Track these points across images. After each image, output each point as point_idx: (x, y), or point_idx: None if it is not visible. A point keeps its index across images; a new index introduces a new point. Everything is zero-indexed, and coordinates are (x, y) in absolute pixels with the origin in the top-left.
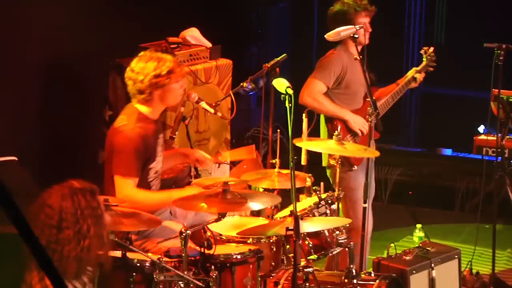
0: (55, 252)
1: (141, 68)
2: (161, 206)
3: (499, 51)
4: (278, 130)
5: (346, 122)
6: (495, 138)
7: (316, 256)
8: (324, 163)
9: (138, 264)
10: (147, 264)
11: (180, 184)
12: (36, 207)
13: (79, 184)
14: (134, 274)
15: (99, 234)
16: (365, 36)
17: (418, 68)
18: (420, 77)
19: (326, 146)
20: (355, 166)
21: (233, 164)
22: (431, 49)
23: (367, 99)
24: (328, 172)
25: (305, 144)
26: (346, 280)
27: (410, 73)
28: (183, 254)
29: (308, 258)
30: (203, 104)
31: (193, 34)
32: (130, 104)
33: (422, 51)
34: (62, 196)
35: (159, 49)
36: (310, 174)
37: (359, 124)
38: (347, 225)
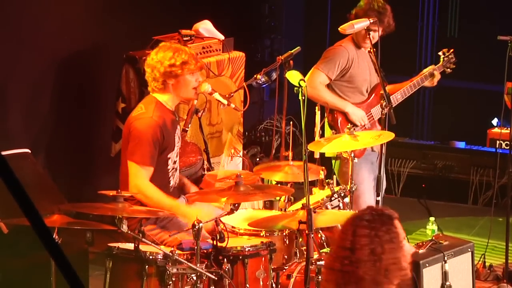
0: (348, 275)
1: (159, 57)
2: (166, 210)
3: None
4: (291, 123)
5: (346, 114)
6: (508, 131)
7: (329, 249)
8: (327, 153)
9: (151, 257)
10: (160, 257)
11: (193, 177)
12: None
13: (376, 210)
14: (147, 266)
15: (395, 256)
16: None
17: (436, 67)
18: (437, 76)
19: (340, 143)
20: (356, 159)
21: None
22: (451, 50)
23: (373, 93)
24: (333, 163)
25: (320, 147)
26: None
27: (427, 70)
28: (196, 247)
29: (321, 251)
30: (216, 95)
31: (206, 27)
32: (149, 95)
33: (440, 53)
34: (358, 219)
35: (178, 42)
36: (323, 167)
37: (359, 116)
38: None
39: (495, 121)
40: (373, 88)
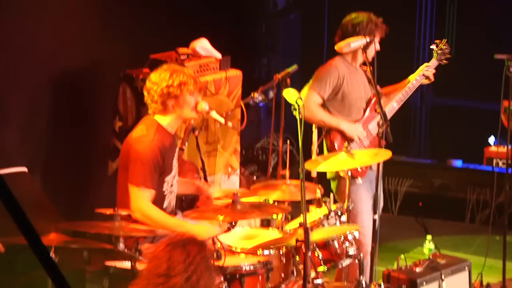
0: None
1: (157, 78)
2: (170, 230)
3: (509, 63)
4: (288, 141)
5: (343, 132)
6: (505, 149)
7: (326, 268)
8: (328, 176)
9: None
10: None
11: (190, 196)
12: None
13: (189, 236)
14: None
15: (209, 285)
16: (373, 51)
17: (429, 64)
18: (430, 75)
19: (337, 162)
20: (359, 178)
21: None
22: (444, 40)
23: (367, 108)
24: (332, 184)
25: (317, 166)
26: None
27: (419, 70)
28: None
29: (318, 269)
30: (214, 114)
31: (203, 45)
32: (149, 116)
33: (433, 45)
34: (171, 245)
35: (175, 62)
36: (320, 185)
37: (356, 132)
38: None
39: (492, 140)
40: (367, 103)
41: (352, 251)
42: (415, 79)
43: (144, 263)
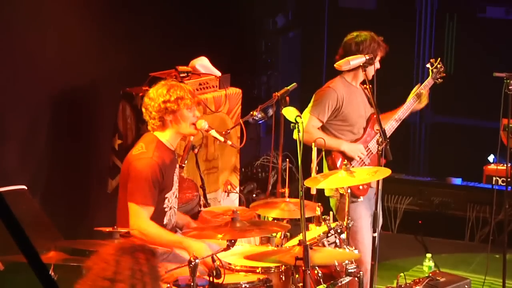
0: None
1: (154, 94)
2: (169, 247)
3: (508, 81)
4: (288, 159)
5: (343, 152)
6: (504, 167)
7: (325, 286)
8: (326, 193)
9: None
10: None
11: (190, 213)
12: (92, 260)
13: (136, 242)
14: None
15: None
16: (373, 70)
17: (425, 83)
18: (425, 93)
19: (337, 180)
20: (361, 197)
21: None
22: (438, 59)
23: (367, 127)
24: (331, 202)
25: (317, 184)
26: None
27: (414, 91)
28: (192, 283)
29: (317, 287)
30: (213, 132)
31: (202, 63)
32: (149, 133)
33: (428, 64)
34: (121, 249)
35: (175, 78)
36: (319, 203)
37: (356, 151)
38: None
39: (491, 158)
40: (367, 122)
41: (351, 269)
42: (412, 98)
43: (91, 262)
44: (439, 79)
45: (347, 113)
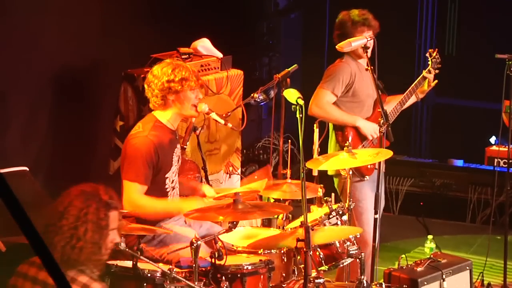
0: (47, 234)
1: (158, 72)
2: (166, 215)
3: (510, 62)
4: (289, 141)
5: (358, 128)
6: (506, 149)
7: (327, 267)
8: (329, 172)
9: (149, 275)
10: (158, 275)
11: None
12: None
13: (102, 192)
14: (145, 284)
15: (95, 242)
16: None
17: (426, 70)
18: (430, 78)
19: (338, 161)
20: (367, 177)
21: (243, 175)
22: (435, 51)
23: (378, 109)
24: (335, 181)
25: (318, 165)
26: None
27: (419, 78)
28: (194, 265)
29: (319, 269)
30: (213, 115)
31: (204, 45)
32: (150, 113)
33: (427, 54)
34: (81, 193)
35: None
36: (321, 185)
37: (371, 130)
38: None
39: (493, 139)
40: (374, 104)
41: (353, 250)
42: (414, 84)
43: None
44: (436, 70)
45: (357, 88)
